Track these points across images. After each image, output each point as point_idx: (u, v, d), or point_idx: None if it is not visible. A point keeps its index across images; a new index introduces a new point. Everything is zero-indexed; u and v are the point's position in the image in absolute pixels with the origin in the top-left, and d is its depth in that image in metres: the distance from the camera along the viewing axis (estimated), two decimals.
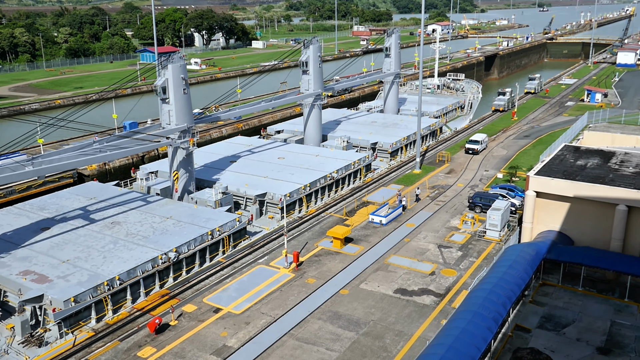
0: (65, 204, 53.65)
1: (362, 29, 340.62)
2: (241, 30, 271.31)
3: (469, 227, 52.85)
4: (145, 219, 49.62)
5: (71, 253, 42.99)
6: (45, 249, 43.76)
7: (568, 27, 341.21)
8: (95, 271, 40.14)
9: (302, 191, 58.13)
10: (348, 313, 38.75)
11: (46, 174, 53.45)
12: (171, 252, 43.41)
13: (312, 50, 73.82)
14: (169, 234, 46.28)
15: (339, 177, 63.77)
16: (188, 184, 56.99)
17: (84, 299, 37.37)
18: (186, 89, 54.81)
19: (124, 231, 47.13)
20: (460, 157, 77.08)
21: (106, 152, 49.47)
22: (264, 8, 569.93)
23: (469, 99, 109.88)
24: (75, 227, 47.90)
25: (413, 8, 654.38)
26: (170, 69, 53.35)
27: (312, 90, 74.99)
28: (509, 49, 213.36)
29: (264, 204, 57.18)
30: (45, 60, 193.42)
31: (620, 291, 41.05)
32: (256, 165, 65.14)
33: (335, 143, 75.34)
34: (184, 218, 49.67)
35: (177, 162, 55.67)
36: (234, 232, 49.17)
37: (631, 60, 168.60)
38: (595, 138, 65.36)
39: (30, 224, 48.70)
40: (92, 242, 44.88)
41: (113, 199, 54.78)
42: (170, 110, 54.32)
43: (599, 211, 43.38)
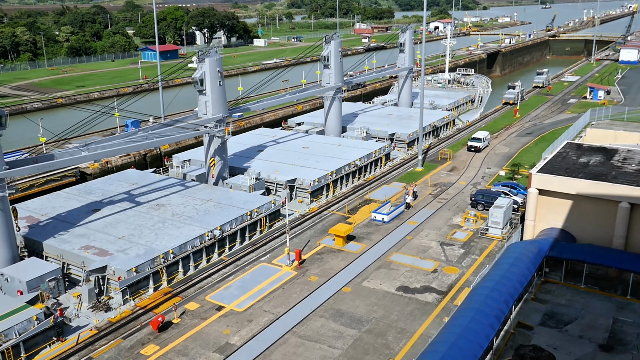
0: (109, 188, 57.72)
1: (363, 26, 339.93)
2: (243, 28, 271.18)
3: (471, 224, 52.83)
4: (187, 202, 53.64)
5: (125, 231, 46.86)
6: (100, 227, 47.70)
7: (570, 24, 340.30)
8: (150, 246, 44.03)
9: (329, 177, 61.84)
10: (350, 311, 38.78)
11: (100, 158, 57.60)
12: (216, 230, 47.32)
13: (334, 46, 76.94)
14: (211, 214, 50.24)
15: (361, 164, 67.59)
16: (222, 170, 60.49)
17: (143, 269, 41.35)
18: (221, 81, 58.23)
19: (170, 212, 51.15)
20: (463, 154, 77.01)
21: (152, 139, 53.29)
22: (265, 6, 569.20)
23: (479, 93, 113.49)
24: (123, 209, 51.86)
25: (415, 5, 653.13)
26: (207, 62, 56.90)
27: (333, 83, 78.05)
28: (511, 47, 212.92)
29: (293, 189, 60.66)
30: (47, 59, 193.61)
31: (623, 288, 41.00)
32: (283, 154, 69.09)
33: (355, 134, 79.10)
34: (223, 200, 53.66)
35: (212, 149, 59.17)
36: (270, 214, 53.31)
37: (634, 58, 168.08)
38: (597, 135, 65.22)
39: (81, 206, 52.71)
40: (142, 222, 48.89)
41: (153, 184, 58.98)
42: (207, 101, 57.67)
43: (601, 208, 43.32)
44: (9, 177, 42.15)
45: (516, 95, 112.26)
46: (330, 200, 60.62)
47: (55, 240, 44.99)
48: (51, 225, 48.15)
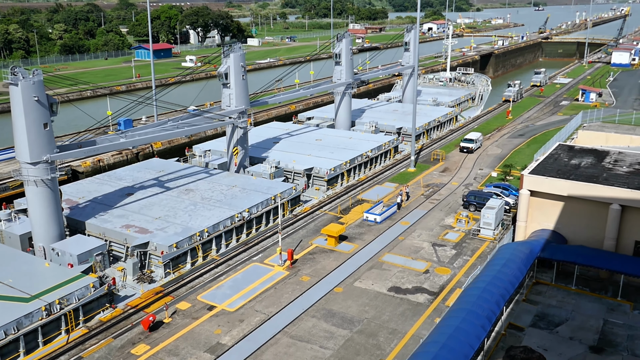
0: (138, 175, 61.39)
1: (357, 27, 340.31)
2: (237, 27, 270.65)
3: (463, 225, 52.96)
4: (214, 187, 57.41)
5: (160, 212, 50.71)
6: (136, 209, 51.45)
7: (563, 27, 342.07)
8: (186, 225, 47.79)
9: (343, 166, 65.83)
10: (342, 311, 38.77)
11: (137, 145, 63.23)
12: (244, 212, 51.00)
13: (345, 43, 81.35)
14: (238, 198, 54.07)
15: (373, 155, 71.61)
16: (244, 159, 64.52)
17: (182, 245, 45.08)
18: (244, 75, 62.27)
19: (199, 196, 54.93)
20: (455, 155, 77.21)
21: (183, 128, 57.05)
22: (259, 5, 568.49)
23: (480, 91, 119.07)
24: (155, 193, 55.56)
25: (409, 6, 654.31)
26: (232, 58, 60.93)
27: (344, 79, 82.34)
28: (504, 48, 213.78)
29: (310, 177, 64.39)
30: (40, 56, 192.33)
31: (613, 290, 41.22)
32: (298, 146, 73.16)
33: (365, 127, 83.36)
34: (248, 186, 57.50)
35: (234, 139, 63.03)
36: (291, 199, 57.17)
37: (626, 60, 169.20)
38: (589, 137, 65.54)
39: (114, 190, 56.34)
40: (174, 204, 52.66)
41: (179, 172, 62.64)
42: (231, 93, 61.79)
43: (592, 210, 43.55)
44: (59, 160, 45.66)
45: (515, 93, 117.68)
46: (345, 188, 64.58)
47: (96, 220, 48.78)
48: (90, 207, 51.89)
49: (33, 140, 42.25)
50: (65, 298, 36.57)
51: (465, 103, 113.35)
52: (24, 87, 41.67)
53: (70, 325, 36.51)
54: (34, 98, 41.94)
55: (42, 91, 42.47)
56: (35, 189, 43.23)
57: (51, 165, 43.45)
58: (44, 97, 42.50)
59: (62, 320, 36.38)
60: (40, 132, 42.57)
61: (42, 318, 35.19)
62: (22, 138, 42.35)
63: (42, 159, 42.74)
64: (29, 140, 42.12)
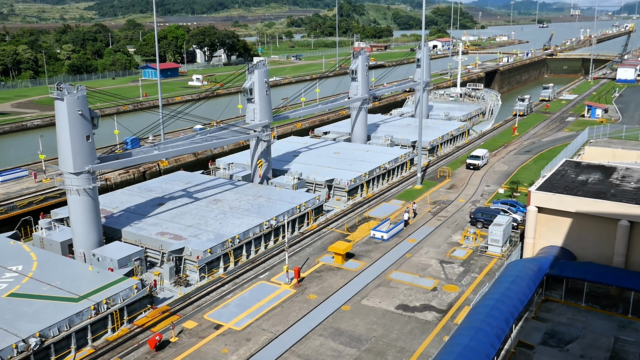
0: (167, 187, 64.06)
1: (363, 45, 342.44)
2: (243, 46, 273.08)
3: (470, 242, 52.67)
4: (240, 197, 59.81)
5: (192, 220, 53.11)
6: (169, 217, 53.97)
7: (568, 43, 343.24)
8: (218, 232, 50.12)
9: (363, 177, 67.94)
10: (350, 329, 38.48)
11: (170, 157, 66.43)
12: (272, 220, 53.26)
13: (361, 60, 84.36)
14: (265, 207, 56.41)
15: (390, 167, 73.93)
16: (267, 171, 66.61)
17: (215, 251, 47.32)
18: (268, 90, 64.81)
19: (227, 205, 57.31)
20: (462, 172, 77.10)
21: (212, 141, 59.76)
22: (265, 25, 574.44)
23: (490, 105, 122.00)
24: (184, 203, 57.97)
25: (413, 24, 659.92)
26: (256, 74, 63.34)
27: (360, 95, 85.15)
28: (509, 65, 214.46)
29: (331, 188, 66.59)
30: (48, 76, 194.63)
31: (624, 307, 40.75)
32: (317, 158, 75.64)
33: (381, 141, 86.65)
34: (273, 196, 59.93)
35: (258, 152, 65.29)
36: (315, 208, 59.46)
37: (631, 76, 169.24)
38: (596, 153, 65.35)
39: (146, 201, 58.82)
40: (205, 213, 55.06)
41: (205, 184, 65.13)
42: (255, 108, 64.22)
43: (601, 226, 43.24)
44: (98, 170, 48.25)
45: (526, 107, 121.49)
46: (365, 198, 67.09)
47: (132, 228, 51.26)
48: (124, 216, 54.38)
49: (77, 151, 45.00)
50: (111, 298, 38.86)
51: (476, 117, 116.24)
52: (69, 101, 44.20)
53: (116, 324, 38.82)
54: (78, 112, 44.63)
55: (85, 105, 45.23)
56: (78, 197, 45.95)
57: (92, 176, 46.27)
58: (87, 111, 45.34)
59: (109, 319, 38.64)
60: (83, 144, 45.32)
61: (91, 317, 37.48)
62: (66, 150, 45.00)
63: (84, 170, 45.45)
64: (73, 151, 44.84)
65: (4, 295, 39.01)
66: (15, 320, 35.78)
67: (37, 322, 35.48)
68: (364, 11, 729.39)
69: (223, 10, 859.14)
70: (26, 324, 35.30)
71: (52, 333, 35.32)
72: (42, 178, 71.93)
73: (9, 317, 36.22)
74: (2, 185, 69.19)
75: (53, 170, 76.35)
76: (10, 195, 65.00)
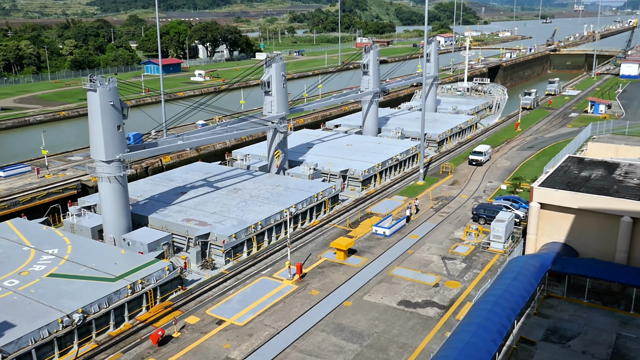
0: (187, 176, 66.22)
1: (365, 40, 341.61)
2: (245, 42, 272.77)
3: (473, 238, 52.67)
4: (259, 187, 62.12)
5: (215, 207, 55.33)
6: (192, 205, 56.16)
7: (571, 39, 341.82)
8: (241, 219, 52.43)
9: (376, 168, 70.42)
10: (351, 325, 38.55)
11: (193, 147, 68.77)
12: (291, 208, 55.27)
13: (372, 55, 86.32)
14: (284, 196, 58.61)
15: (402, 159, 76.19)
16: (283, 161, 68.90)
17: (240, 236, 49.70)
18: (285, 83, 66.70)
19: (247, 194, 59.60)
20: (464, 168, 77.00)
21: (232, 132, 63.05)
22: (267, 20, 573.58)
23: (497, 99, 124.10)
24: (206, 192, 60.16)
25: (416, 20, 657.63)
26: (274, 67, 65.03)
27: (372, 88, 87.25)
28: (512, 61, 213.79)
29: (345, 178, 68.73)
30: (50, 72, 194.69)
31: (626, 303, 40.74)
32: (330, 150, 77.85)
33: (391, 134, 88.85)
34: (290, 186, 62.19)
35: (275, 143, 67.37)
36: (331, 197, 61.68)
37: (635, 72, 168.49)
38: (599, 149, 65.18)
39: (168, 190, 61.22)
40: (226, 201, 57.33)
41: (224, 174, 67.37)
42: (272, 100, 66.17)
43: (603, 223, 43.17)
44: (128, 159, 50.10)
45: (532, 101, 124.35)
46: (378, 188, 69.26)
47: (158, 215, 53.65)
48: (149, 204, 56.74)
49: (108, 140, 47.29)
50: (145, 279, 41.21)
51: (484, 111, 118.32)
52: (101, 92, 46.37)
53: (150, 302, 41.20)
54: (110, 103, 46.84)
55: (116, 97, 47.37)
56: (109, 185, 48.40)
57: (122, 164, 48.65)
58: (117, 102, 47.49)
59: (143, 298, 40.95)
60: (115, 133, 47.64)
61: (128, 295, 39.76)
62: (98, 139, 47.35)
63: (115, 158, 47.82)
64: (105, 140, 47.12)
65: (44, 276, 41.51)
66: (58, 298, 38.15)
67: (78, 300, 37.88)
68: (367, 7, 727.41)
69: (225, 5, 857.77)
70: (69, 301, 37.71)
71: (93, 310, 37.71)
72: (45, 173, 72.05)
73: (51, 295, 38.61)
74: (5, 180, 69.31)
75: (55, 165, 76.50)
76: (13, 191, 65.13)
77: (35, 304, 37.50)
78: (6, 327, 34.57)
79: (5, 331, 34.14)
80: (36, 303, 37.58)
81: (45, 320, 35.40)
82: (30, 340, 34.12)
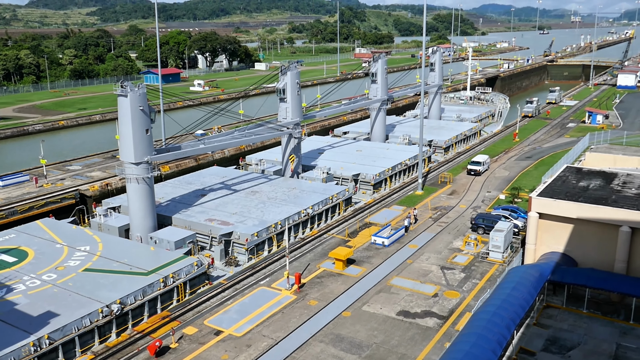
0: (205, 180, 68.68)
1: (364, 51, 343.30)
2: (244, 52, 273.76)
3: (471, 248, 52.60)
4: (276, 189, 64.37)
5: (235, 208, 57.66)
6: (213, 206, 58.63)
7: (568, 50, 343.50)
8: (261, 219, 54.64)
9: (387, 172, 73.05)
10: (350, 335, 38.37)
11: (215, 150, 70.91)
12: (308, 209, 57.75)
13: (380, 64, 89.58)
14: (300, 198, 60.91)
15: (411, 164, 78.71)
16: (297, 166, 71.58)
17: (261, 235, 51.81)
18: (299, 91, 69.48)
19: (265, 196, 61.88)
20: (463, 178, 77.06)
21: (251, 137, 65.71)
22: (267, 31, 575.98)
23: (499, 108, 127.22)
24: (225, 194, 62.59)
25: (414, 31, 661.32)
26: (289, 75, 67.60)
27: (380, 96, 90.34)
28: (510, 71, 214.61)
29: (357, 182, 71.21)
30: (50, 81, 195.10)
31: (626, 313, 40.63)
32: (341, 155, 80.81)
33: (399, 140, 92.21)
34: (306, 188, 64.55)
35: (289, 148, 69.87)
36: (345, 200, 64.08)
37: (632, 82, 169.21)
38: (597, 159, 65.30)
39: (189, 192, 63.55)
40: (246, 202, 59.70)
41: (240, 177, 69.89)
42: (287, 107, 68.50)
43: (602, 232, 43.16)
44: (154, 161, 52.67)
45: (534, 109, 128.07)
46: (389, 192, 71.72)
47: (181, 215, 55.99)
48: (172, 205, 59.20)
49: (137, 143, 49.93)
50: (176, 273, 43.60)
51: (486, 119, 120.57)
52: (132, 98, 49.16)
53: (180, 295, 43.52)
54: (140, 107, 49.54)
55: (145, 102, 50.08)
56: (137, 185, 50.99)
57: (150, 166, 51.34)
58: (146, 107, 50.26)
59: (174, 291, 43.27)
60: (143, 137, 50.32)
61: (160, 288, 42.09)
62: (128, 142, 50.06)
63: (143, 160, 50.50)
64: (134, 143, 49.79)
65: (80, 270, 43.95)
66: (96, 290, 40.47)
67: (115, 292, 40.10)
68: (365, 17, 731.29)
69: (225, 16, 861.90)
70: (107, 293, 39.95)
71: (129, 301, 39.87)
72: (43, 183, 71.94)
73: (89, 287, 40.94)
74: (3, 190, 69.19)
75: (54, 175, 76.41)
76: (11, 200, 64.98)
77: (75, 295, 39.71)
78: (50, 316, 36.72)
79: (50, 320, 36.28)
80: (75, 295, 39.75)
81: (87, 310, 37.55)
82: (74, 328, 36.25)
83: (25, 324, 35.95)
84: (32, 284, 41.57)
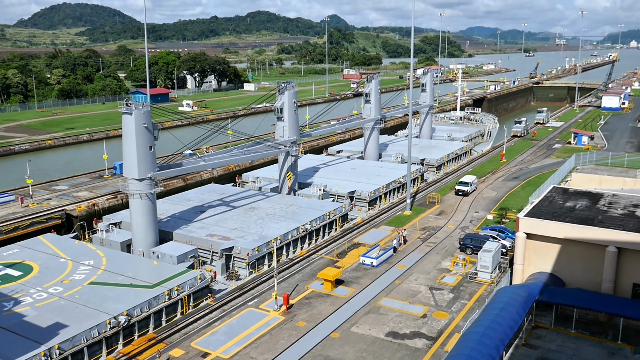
0: (204, 197, 69.58)
1: (352, 72, 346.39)
2: (233, 72, 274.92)
3: (460, 268, 52.62)
4: (274, 206, 65.35)
5: (235, 224, 58.56)
6: (213, 222, 59.52)
7: (553, 72, 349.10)
8: (261, 234, 55.57)
9: (381, 190, 74.78)
10: (339, 357, 38.02)
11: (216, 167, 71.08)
12: (306, 225, 58.95)
13: (374, 84, 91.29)
14: (298, 214, 62.09)
15: (404, 181, 79.34)
16: (294, 183, 72.46)
17: (262, 249, 52.85)
18: (296, 110, 70.77)
19: (264, 212, 62.82)
20: (450, 198, 77.40)
21: (249, 154, 66.60)
22: (256, 51, 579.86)
23: (488, 128, 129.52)
24: (224, 211, 63.49)
25: (402, 52, 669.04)
26: (286, 95, 68.93)
27: (373, 116, 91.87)
28: (497, 93, 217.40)
29: (352, 199, 72.58)
30: (38, 101, 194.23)
31: (613, 333, 40.71)
32: (336, 173, 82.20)
33: (392, 158, 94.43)
34: (303, 205, 65.74)
35: (286, 166, 70.81)
36: (341, 216, 65.71)
37: (616, 104, 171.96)
38: (583, 180, 66.03)
39: (188, 208, 64.39)
40: (245, 219, 60.60)
41: (238, 194, 70.82)
42: (285, 125, 69.93)
43: (589, 253, 43.42)
44: (157, 177, 53.29)
45: (523, 129, 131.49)
46: (384, 208, 73.15)
47: (182, 230, 56.78)
48: (172, 221, 59.94)
49: (141, 160, 50.96)
50: (180, 286, 44.50)
51: (476, 139, 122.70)
52: (136, 116, 50.20)
53: (184, 308, 44.47)
54: (144, 125, 50.64)
55: (149, 119, 51.12)
56: (140, 201, 51.99)
57: (153, 182, 52.20)
58: (150, 124, 51.23)
59: (179, 304, 44.15)
60: (147, 153, 51.38)
61: (165, 301, 43.08)
62: (132, 158, 51.05)
63: (147, 176, 51.47)
64: (138, 159, 50.83)
65: (85, 283, 44.74)
66: (103, 302, 41.24)
67: (122, 304, 40.97)
68: (354, 39, 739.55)
69: (214, 36, 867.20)
70: (113, 305, 40.78)
71: (136, 313, 40.70)
72: (29, 203, 71.20)
73: (96, 299, 41.70)
74: None
75: (40, 195, 75.67)
76: None
77: (82, 307, 40.46)
78: (59, 327, 37.45)
79: (59, 330, 37.00)
80: (83, 307, 40.49)
81: (95, 321, 38.33)
82: (83, 338, 37.02)
83: (35, 334, 36.56)
84: (39, 297, 42.22)
